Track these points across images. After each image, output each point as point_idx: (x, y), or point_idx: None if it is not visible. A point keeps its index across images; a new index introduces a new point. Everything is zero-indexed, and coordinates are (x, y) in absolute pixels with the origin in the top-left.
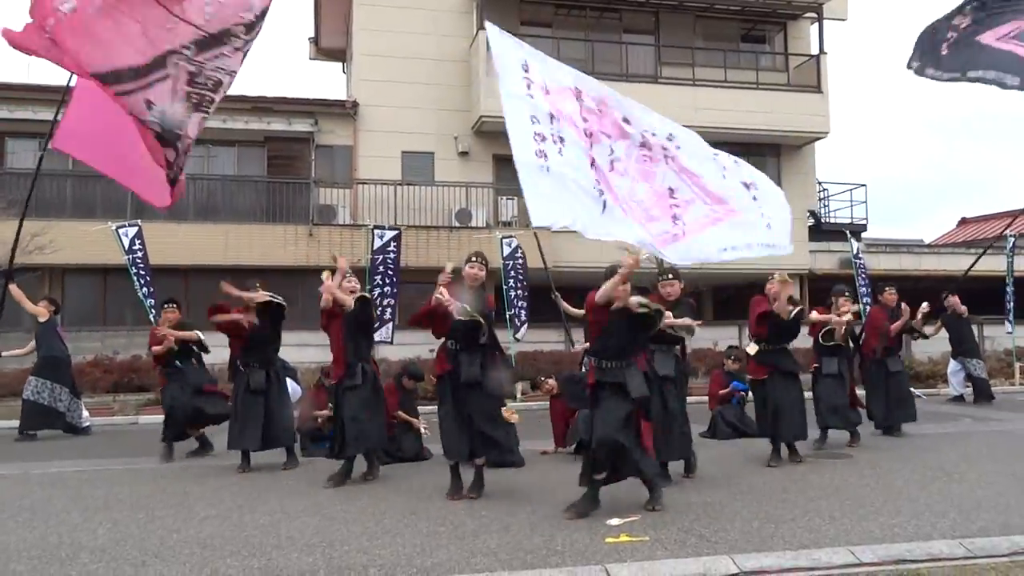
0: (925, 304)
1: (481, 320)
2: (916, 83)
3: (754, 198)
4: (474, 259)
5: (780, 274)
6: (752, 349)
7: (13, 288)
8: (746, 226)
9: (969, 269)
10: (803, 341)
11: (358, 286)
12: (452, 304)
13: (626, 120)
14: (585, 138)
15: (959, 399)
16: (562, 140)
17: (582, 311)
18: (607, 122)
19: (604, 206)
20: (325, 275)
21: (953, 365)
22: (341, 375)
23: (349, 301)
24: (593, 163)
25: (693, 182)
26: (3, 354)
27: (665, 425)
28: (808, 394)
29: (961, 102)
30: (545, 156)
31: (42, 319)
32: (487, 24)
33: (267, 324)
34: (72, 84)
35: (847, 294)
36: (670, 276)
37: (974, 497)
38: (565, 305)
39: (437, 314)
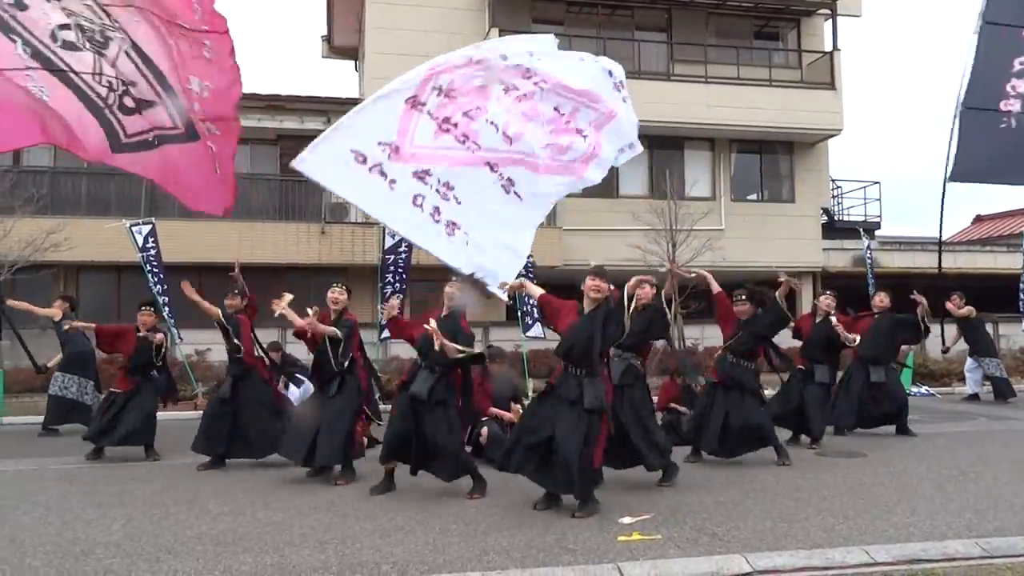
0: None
1: (480, 353)
2: (930, 79)
3: (615, 87)
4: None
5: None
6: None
7: (12, 303)
8: (623, 123)
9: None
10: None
11: (342, 296)
12: (444, 344)
13: (480, 68)
14: (463, 129)
15: (975, 397)
16: (447, 186)
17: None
18: (465, 99)
19: (520, 198)
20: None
21: (970, 363)
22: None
23: (332, 331)
24: (489, 164)
25: (568, 93)
26: (48, 365)
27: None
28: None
29: None
30: (456, 227)
31: (57, 319)
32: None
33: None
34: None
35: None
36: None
37: (990, 496)
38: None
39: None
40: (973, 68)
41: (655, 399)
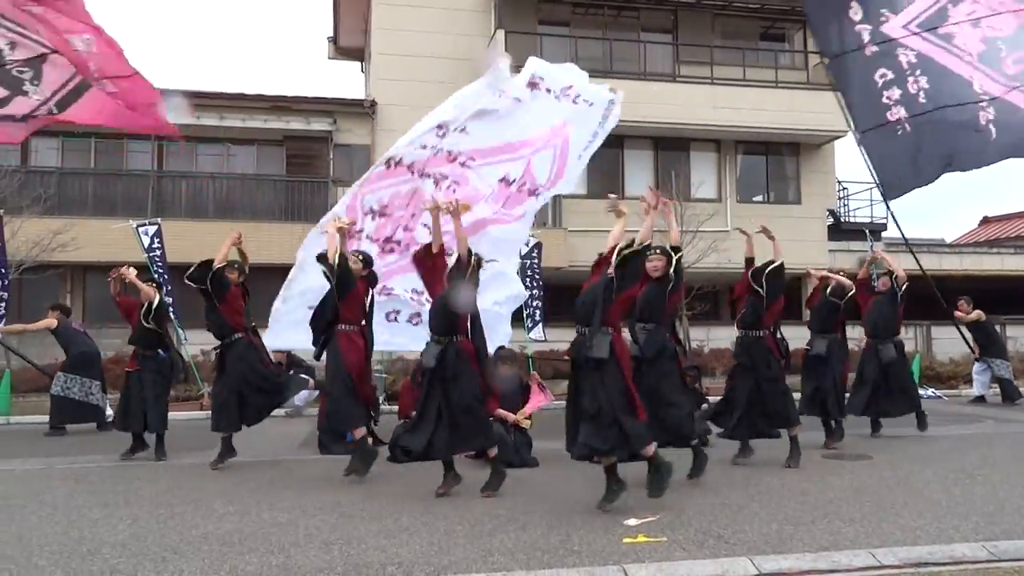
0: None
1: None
2: None
3: (574, 100)
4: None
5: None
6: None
7: (3, 330)
8: (583, 121)
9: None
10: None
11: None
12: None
13: (403, 171)
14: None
15: (981, 400)
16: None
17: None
18: (399, 216)
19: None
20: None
21: (978, 366)
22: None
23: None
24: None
25: (510, 153)
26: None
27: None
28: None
29: None
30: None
31: (52, 328)
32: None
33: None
34: None
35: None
36: (657, 251)
37: (997, 499)
38: None
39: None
40: (847, 101)
41: None
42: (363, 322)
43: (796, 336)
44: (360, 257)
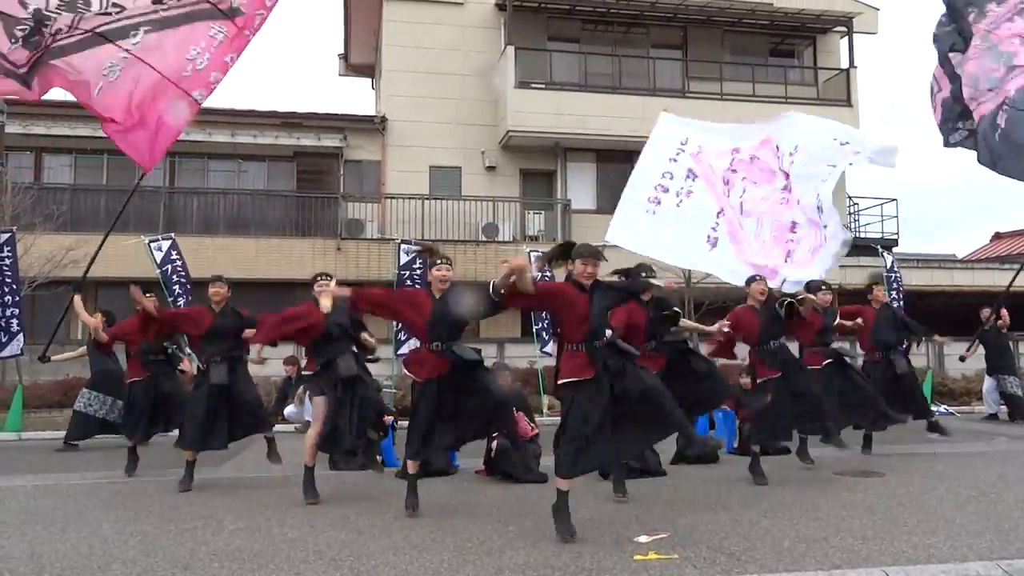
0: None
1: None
2: None
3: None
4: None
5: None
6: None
7: (77, 299)
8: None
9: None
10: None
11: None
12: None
13: (779, 156)
14: (723, 187)
15: (994, 417)
16: (688, 194)
17: None
18: (756, 170)
19: (715, 244)
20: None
21: (989, 383)
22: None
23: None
24: (721, 211)
25: (808, 215)
26: (53, 358)
27: None
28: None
29: None
30: (658, 202)
31: (97, 331)
32: (663, 115)
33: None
34: None
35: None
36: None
37: (1012, 517)
38: None
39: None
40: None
41: None
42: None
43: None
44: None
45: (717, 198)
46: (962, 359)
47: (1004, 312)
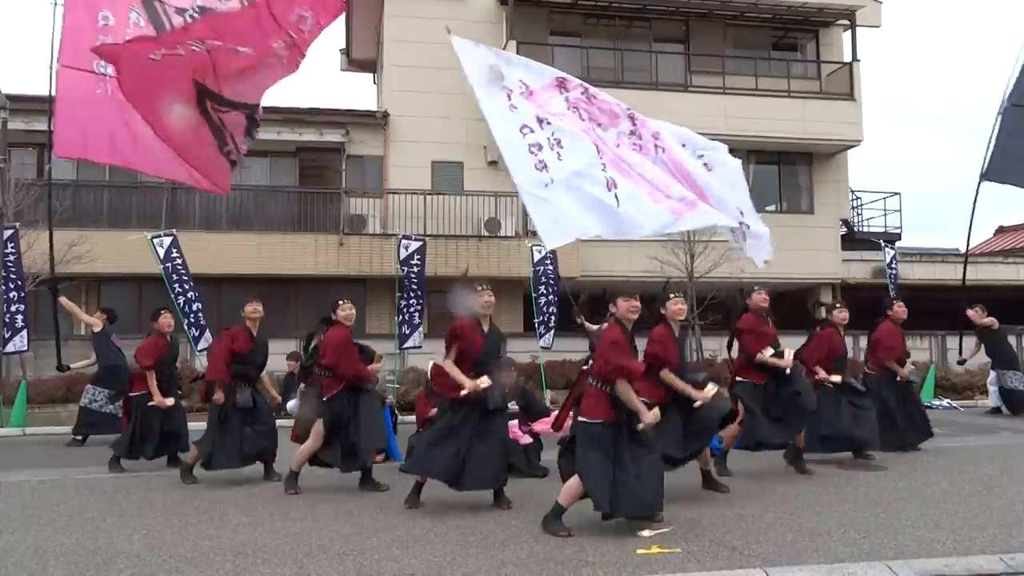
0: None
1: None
2: (950, 89)
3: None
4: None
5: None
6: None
7: (64, 301)
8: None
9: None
10: None
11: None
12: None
13: (616, 107)
14: (586, 124)
15: (997, 411)
16: (559, 143)
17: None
18: (596, 109)
19: (617, 200)
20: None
21: (993, 376)
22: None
23: None
24: (599, 150)
25: (680, 173)
26: (72, 366)
27: None
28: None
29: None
30: (545, 167)
31: (96, 330)
32: (453, 39)
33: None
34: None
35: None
36: (679, 294)
37: (1015, 511)
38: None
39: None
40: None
41: None
42: None
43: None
44: None
45: (584, 133)
46: (961, 363)
47: (976, 311)
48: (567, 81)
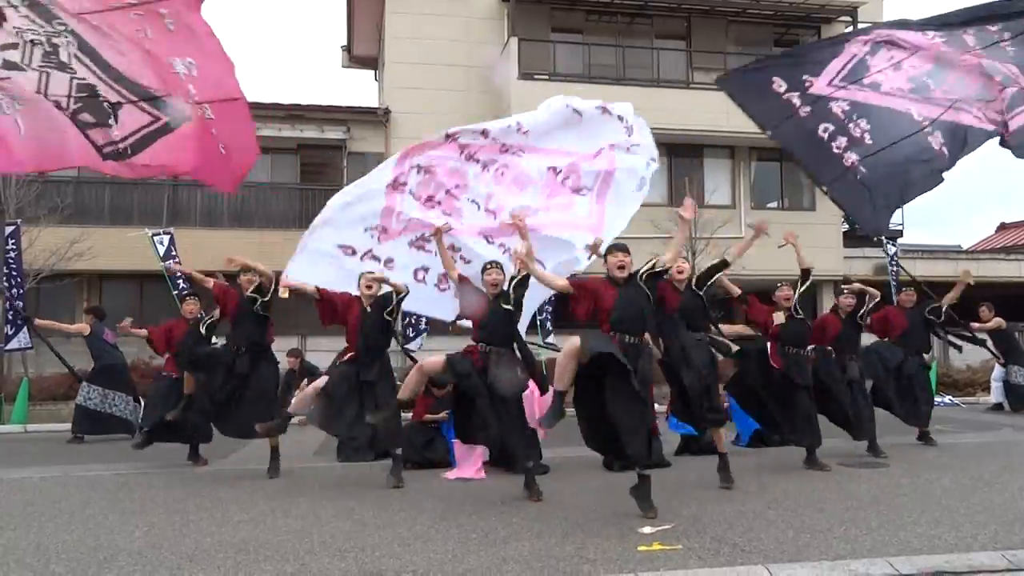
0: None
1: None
2: None
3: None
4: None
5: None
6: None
7: (39, 323)
8: (624, 177)
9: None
10: None
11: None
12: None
13: (452, 150)
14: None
15: (999, 407)
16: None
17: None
18: (444, 180)
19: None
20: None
21: (998, 371)
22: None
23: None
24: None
25: (561, 154)
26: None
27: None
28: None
29: None
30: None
31: (86, 334)
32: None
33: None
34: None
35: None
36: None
37: (1016, 507)
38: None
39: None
40: (804, 164)
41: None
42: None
43: None
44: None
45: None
46: (1003, 364)
47: (982, 314)
48: (397, 178)
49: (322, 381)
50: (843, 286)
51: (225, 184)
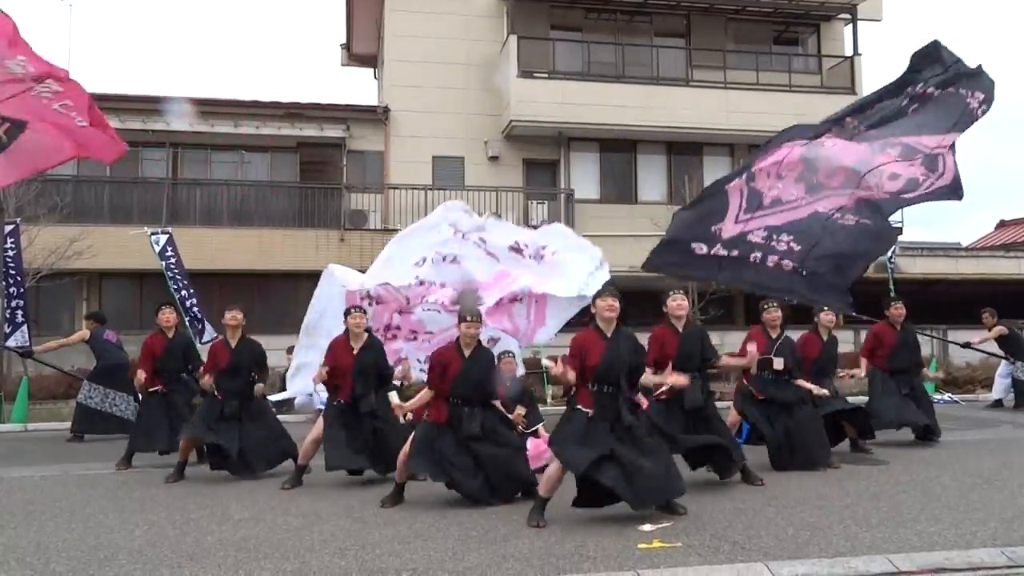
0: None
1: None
2: None
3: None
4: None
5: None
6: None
7: (39, 350)
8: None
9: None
10: None
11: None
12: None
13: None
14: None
15: (999, 404)
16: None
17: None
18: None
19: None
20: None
21: (1004, 368)
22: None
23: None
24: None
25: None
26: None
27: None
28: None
29: (1004, 104)
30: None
31: (86, 339)
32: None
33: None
34: None
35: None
36: (679, 291)
37: (1016, 505)
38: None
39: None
40: (767, 291)
41: None
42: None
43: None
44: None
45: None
46: (1011, 360)
47: (985, 319)
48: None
49: (318, 429)
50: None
51: (106, 154)
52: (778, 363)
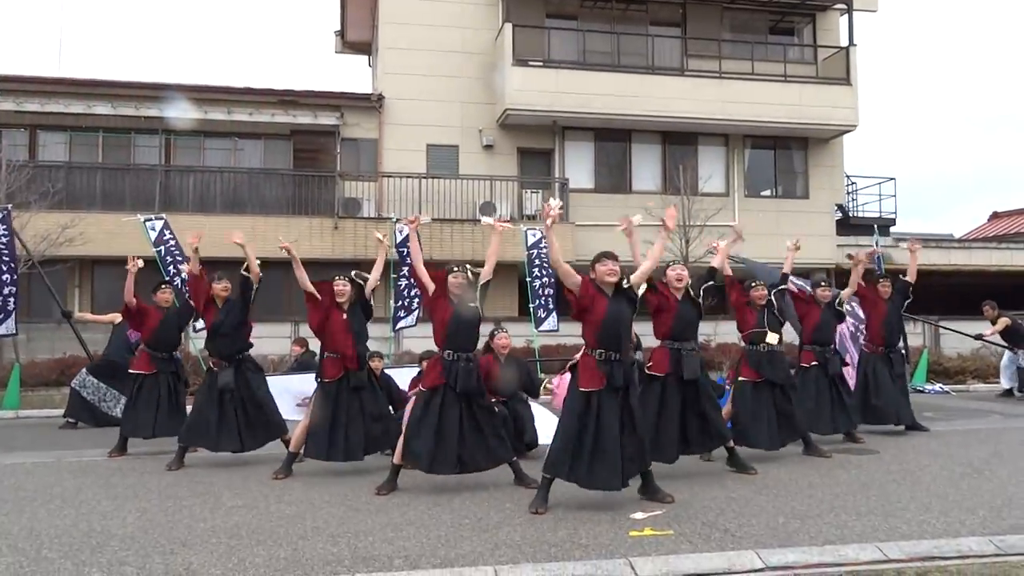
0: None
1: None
2: (947, 74)
3: None
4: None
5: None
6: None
7: (78, 316)
8: None
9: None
10: None
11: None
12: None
13: None
14: None
15: (1009, 393)
16: None
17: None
18: None
19: None
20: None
21: (1008, 358)
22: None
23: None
24: None
25: None
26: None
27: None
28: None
29: (998, 95)
30: None
31: (116, 322)
32: None
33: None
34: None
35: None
36: (679, 261)
37: (1005, 494)
38: None
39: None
40: None
41: None
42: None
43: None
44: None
45: None
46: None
47: (987, 313)
48: None
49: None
50: (821, 278)
51: None
52: (772, 337)
